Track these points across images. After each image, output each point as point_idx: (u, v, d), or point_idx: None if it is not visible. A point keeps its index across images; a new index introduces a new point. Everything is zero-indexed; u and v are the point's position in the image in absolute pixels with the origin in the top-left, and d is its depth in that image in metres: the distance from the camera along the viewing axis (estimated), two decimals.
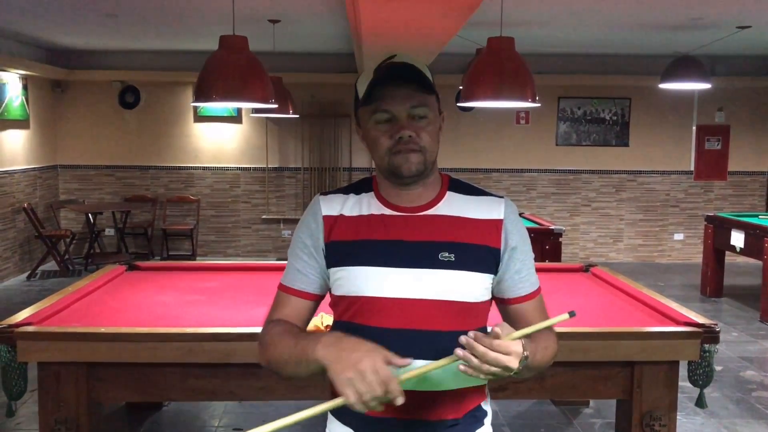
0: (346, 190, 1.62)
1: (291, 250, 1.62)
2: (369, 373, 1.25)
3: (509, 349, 1.29)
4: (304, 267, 1.58)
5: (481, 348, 1.27)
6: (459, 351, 1.29)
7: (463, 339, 1.28)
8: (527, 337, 1.35)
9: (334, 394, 1.31)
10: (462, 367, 1.29)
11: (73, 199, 9.06)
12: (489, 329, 1.34)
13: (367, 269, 1.50)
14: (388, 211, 1.55)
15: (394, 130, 1.49)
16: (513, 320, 1.56)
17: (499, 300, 1.59)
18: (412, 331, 1.49)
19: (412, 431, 1.52)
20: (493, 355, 1.27)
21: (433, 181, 1.58)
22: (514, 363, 1.29)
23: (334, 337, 1.36)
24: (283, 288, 1.61)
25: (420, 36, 5.01)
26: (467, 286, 1.51)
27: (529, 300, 1.57)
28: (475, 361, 1.28)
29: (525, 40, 6.42)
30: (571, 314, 1.32)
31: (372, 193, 1.59)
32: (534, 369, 1.44)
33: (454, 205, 1.57)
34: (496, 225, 1.55)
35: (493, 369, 1.28)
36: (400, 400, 1.27)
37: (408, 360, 1.30)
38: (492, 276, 1.55)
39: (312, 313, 1.62)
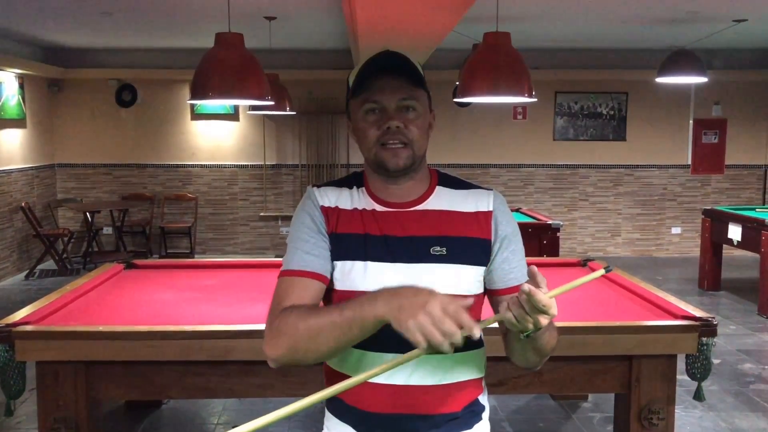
0: (338, 183, 1.61)
1: (294, 236, 1.54)
2: (437, 312, 1.20)
3: (551, 304, 1.27)
4: (314, 249, 1.50)
5: (540, 296, 1.25)
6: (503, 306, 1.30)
7: (525, 287, 1.25)
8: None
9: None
10: (508, 306, 1.29)
11: (70, 197, 9.05)
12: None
13: (362, 264, 1.50)
14: (379, 207, 1.55)
15: (383, 121, 1.50)
16: None
17: (490, 293, 1.58)
18: None
19: (411, 426, 1.52)
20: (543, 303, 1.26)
21: (422, 176, 1.58)
22: (545, 320, 1.29)
23: (392, 290, 1.29)
24: (291, 273, 1.50)
25: (416, 31, 5.01)
26: (460, 280, 1.51)
27: None
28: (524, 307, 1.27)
29: (521, 35, 6.42)
30: (607, 269, 1.32)
31: (363, 188, 1.59)
32: (538, 348, 1.45)
33: (443, 200, 1.57)
34: (485, 216, 1.56)
35: (529, 319, 1.27)
36: (476, 333, 1.21)
37: (470, 299, 1.29)
38: (484, 268, 1.55)
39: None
